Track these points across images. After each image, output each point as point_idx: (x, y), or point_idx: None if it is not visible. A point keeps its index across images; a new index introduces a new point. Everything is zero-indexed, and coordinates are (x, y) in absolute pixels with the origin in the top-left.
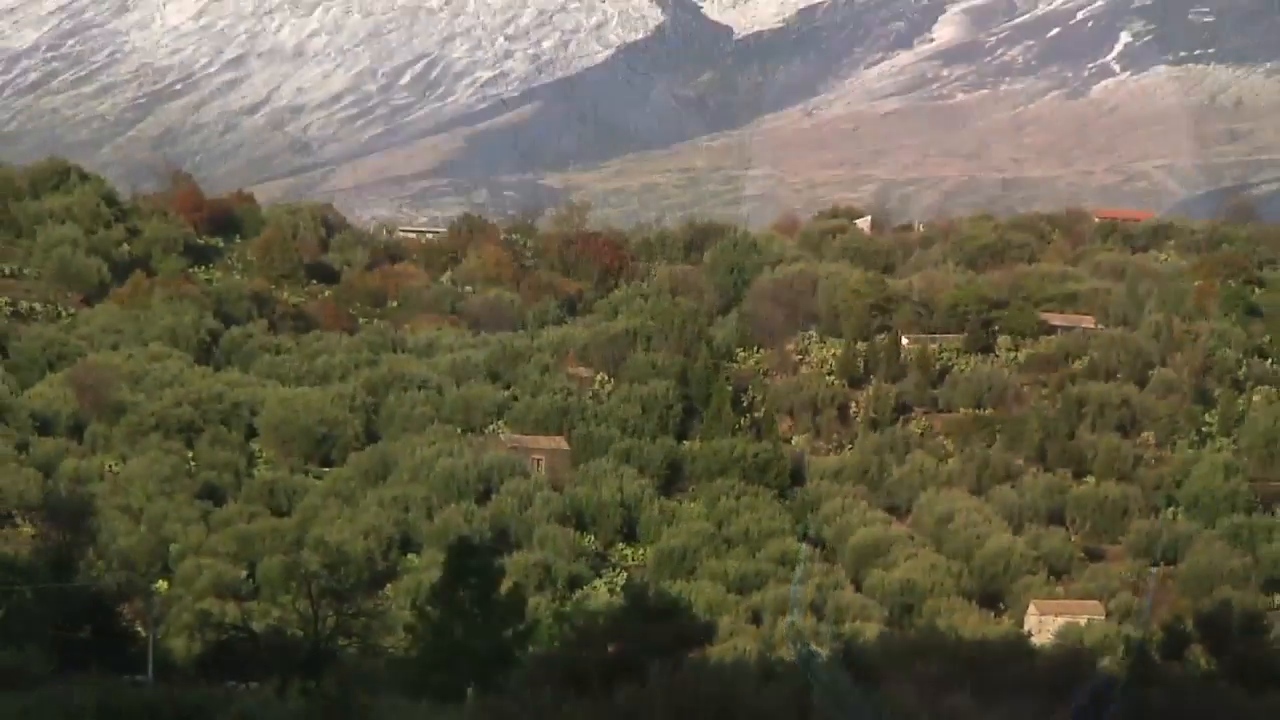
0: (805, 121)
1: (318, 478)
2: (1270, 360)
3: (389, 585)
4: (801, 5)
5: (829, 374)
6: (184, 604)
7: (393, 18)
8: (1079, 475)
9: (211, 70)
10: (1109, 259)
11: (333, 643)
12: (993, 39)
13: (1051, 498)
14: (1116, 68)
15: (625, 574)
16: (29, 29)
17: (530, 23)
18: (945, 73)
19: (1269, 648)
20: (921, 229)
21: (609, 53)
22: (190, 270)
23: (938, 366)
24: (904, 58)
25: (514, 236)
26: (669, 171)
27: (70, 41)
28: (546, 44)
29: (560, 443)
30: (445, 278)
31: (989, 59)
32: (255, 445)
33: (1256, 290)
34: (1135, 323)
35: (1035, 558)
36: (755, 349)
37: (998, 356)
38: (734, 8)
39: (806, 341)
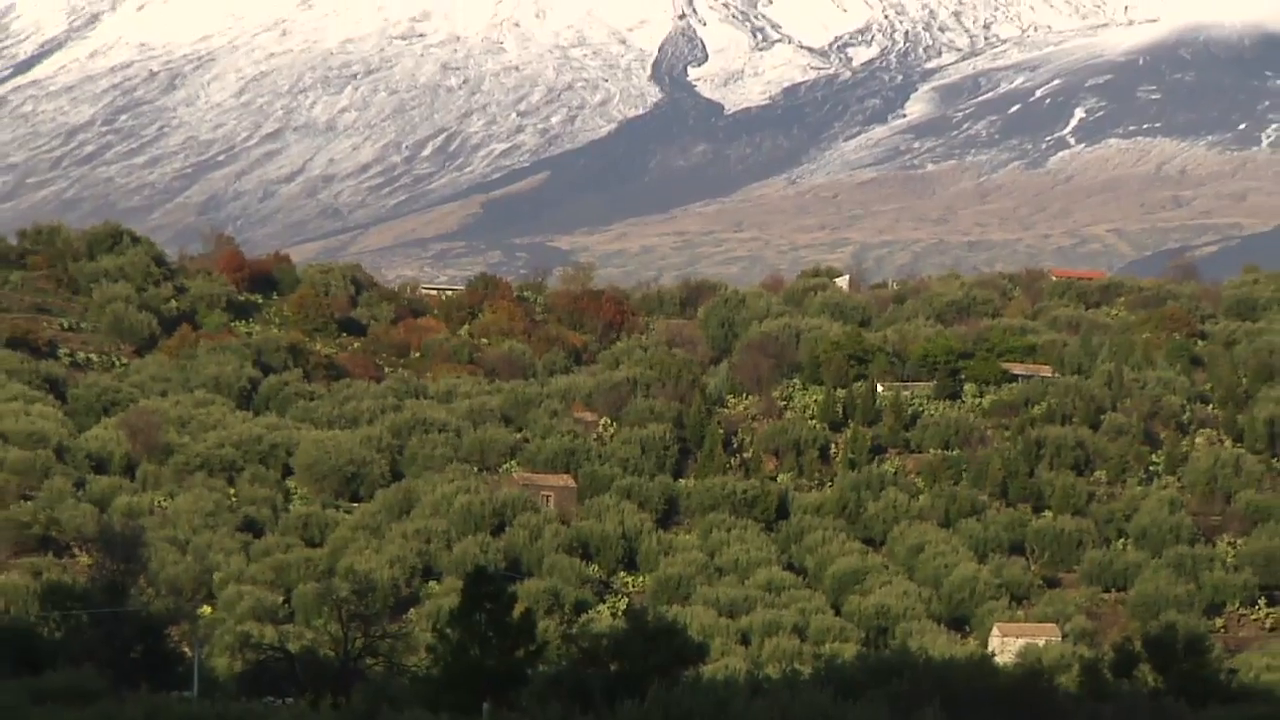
0: (789, 190)
1: (347, 512)
2: (1211, 406)
3: (412, 610)
4: (785, 84)
5: (811, 418)
6: (226, 627)
7: (415, 95)
8: (1038, 510)
9: (251, 143)
10: (1065, 314)
11: (361, 662)
12: (959, 115)
13: (1013, 530)
14: (1072, 141)
15: (626, 600)
16: (85, 105)
17: (540, 100)
18: (916, 145)
19: (1210, 667)
20: (895, 287)
21: (611, 127)
22: (232, 324)
23: (909, 412)
24: (879, 132)
25: (525, 294)
26: (666, 235)
27: (123, 117)
28: (555, 119)
29: (567, 481)
30: (463, 331)
31: (956, 133)
32: (291, 483)
33: (1198, 342)
34: (1088, 372)
35: (998, 585)
36: (744, 396)
37: (964, 402)
38: (724, 86)
39: (790, 389)
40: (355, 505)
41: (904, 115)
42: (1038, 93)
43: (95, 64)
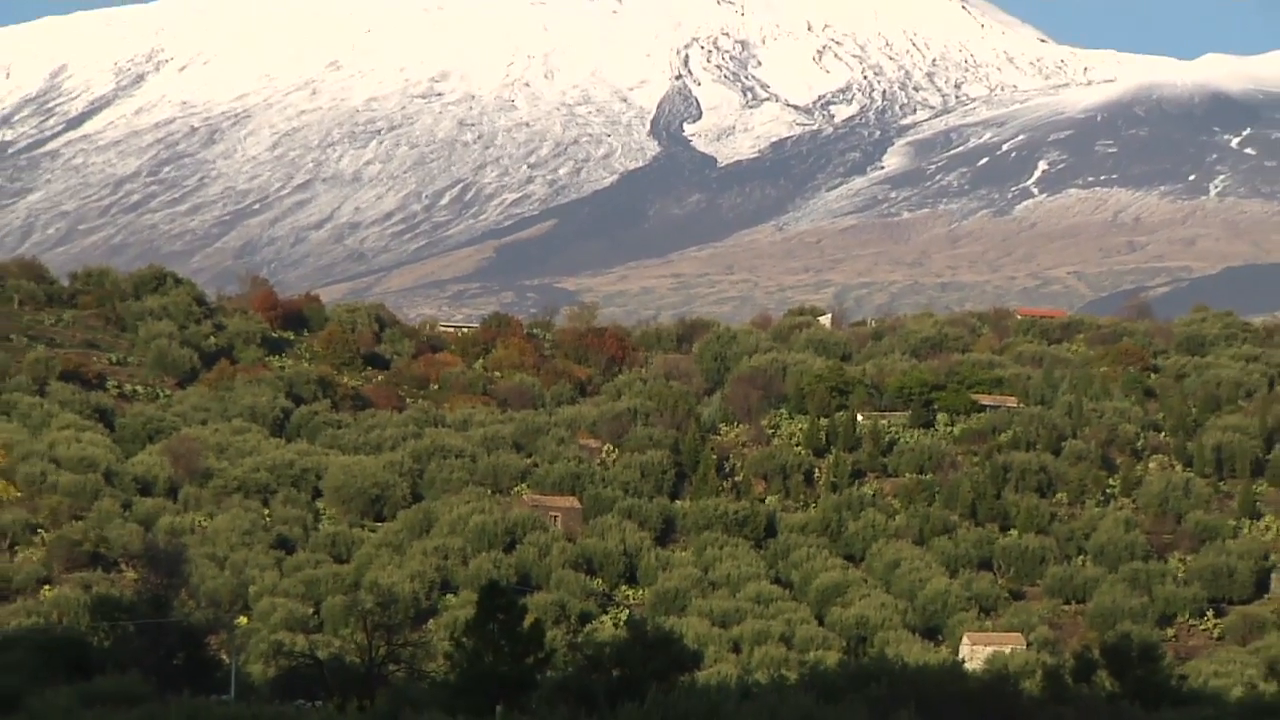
0: (776, 235)
1: (372, 531)
2: (1163, 434)
3: (431, 620)
4: (773, 139)
5: (796, 445)
6: (261, 636)
7: (434, 149)
8: (1004, 529)
9: (284, 193)
10: (1029, 350)
11: (384, 668)
12: (932, 167)
13: (981, 548)
14: (1035, 190)
15: (627, 611)
16: (132, 158)
17: (548, 153)
18: (893, 195)
19: (1162, 673)
20: (873, 325)
21: (614, 178)
22: (266, 359)
23: (887, 439)
24: (858, 182)
25: (535, 331)
26: (663, 277)
27: (166, 169)
28: (562, 171)
29: (573, 502)
30: (478, 365)
31: (929, 183)
32: (320, 504)
33: (1151, 376)
34: (1051, 402)
35: (968, 597)
36: (735, 424)
37: (937, 430)
38: (717, 141)
39: (778, 418)
40: (379, 524)
41: (882, 167)
42: (1004, 147)
43: (141, 120)
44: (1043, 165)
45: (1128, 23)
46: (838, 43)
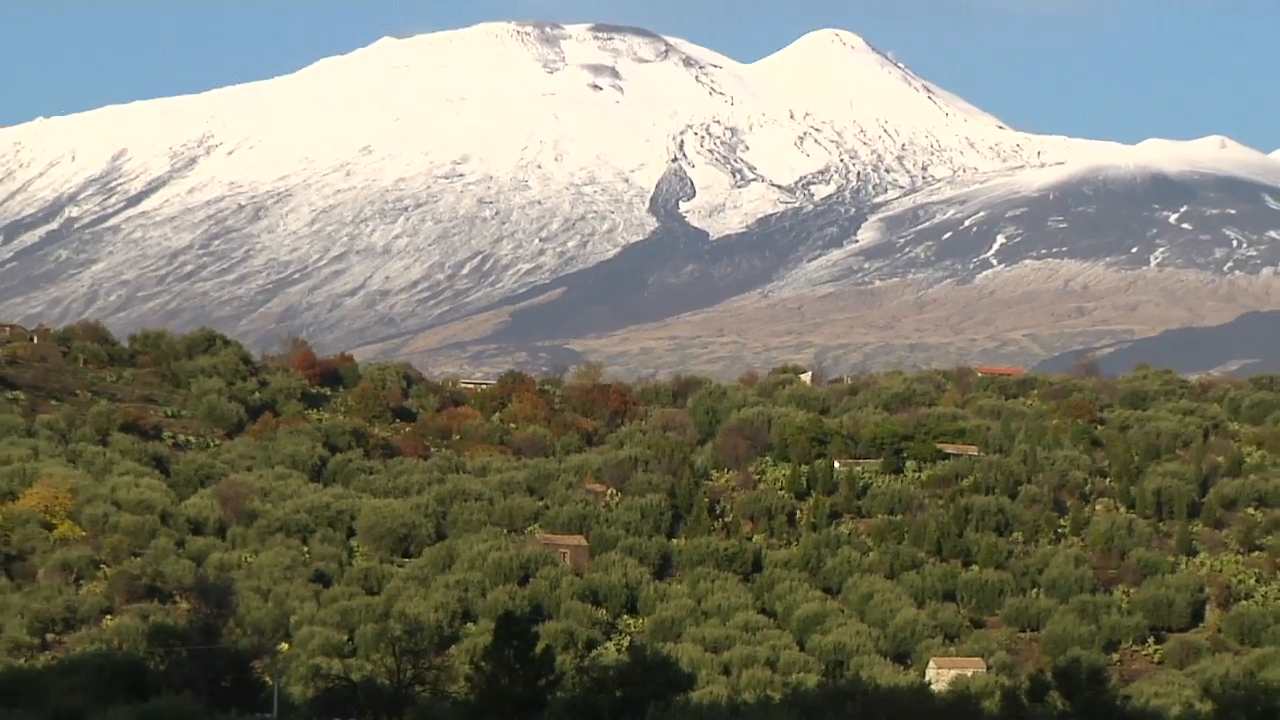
0: (762, 302)
1: (400, 566)
2: (1109, 479)
3: (453, 646)
4: (760, 215)
5: (780, 489)
6: (301, 660)
7: (456, 224)
8: (966, 564)
9: (321, 264)
10: (988, 404)
11: (411, 689)
12: (902, 240)
13: (946, 581)
14: (994, 262)
15: (629, 638)
16: (185, 232)
17: (558, 228)
18: (866, 265)
19: (1108, 694)
20: (849, 382)
21: (617, 250)
22: (305, 412)
23: (861, 484)
24: (836, 254)
25: (546, 387)
26: (661, 339)
27: (216, 241)
28: (570, 244)
29: (581, 541)
30: (495, 418)
31: (898, 255)
32: (354, 542)
33: (1098, 427)
34: (1008, 451)
35: (934, 626)
36: (725, 471)
37: (906, 476)
38: (709, 217)
39: (763, 465)
40: (406, 560)
41: (856, 241)
42: (966, 222)
43: (193, 198)
44: (1000, 239)
45: (1076, 110)
46: (817, 129)
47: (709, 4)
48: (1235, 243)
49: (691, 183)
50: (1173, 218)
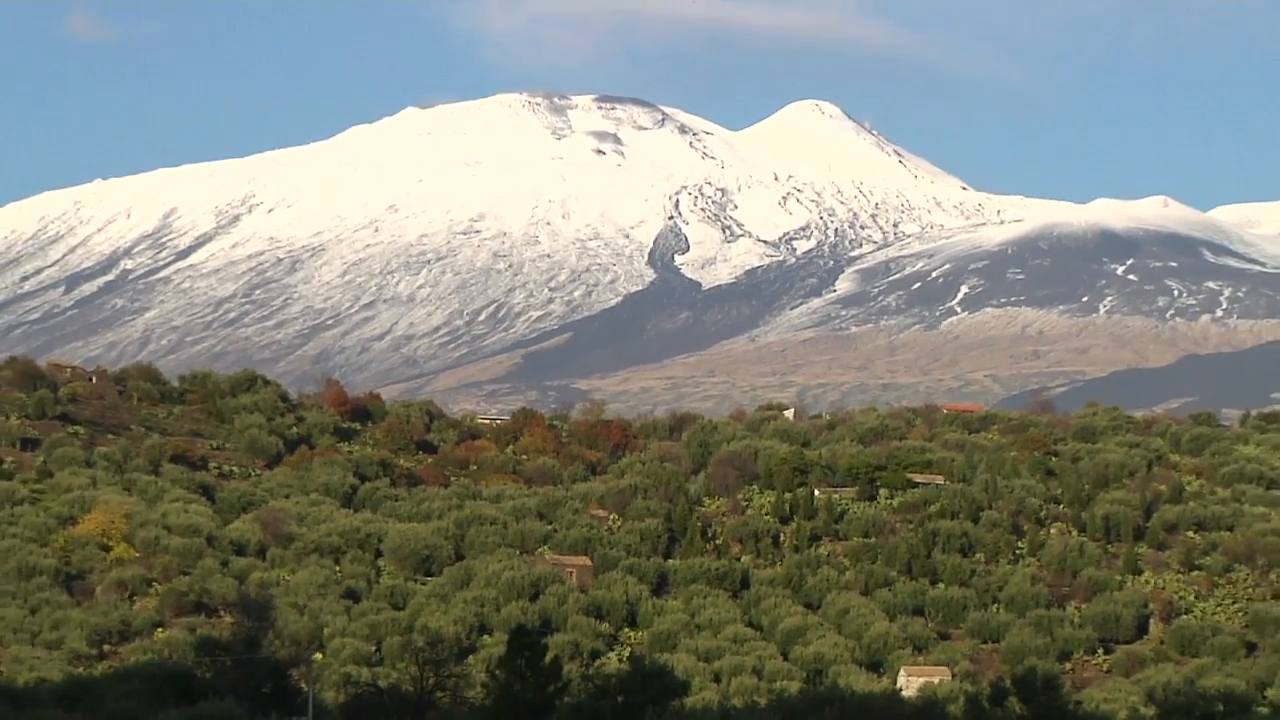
0: (749, 345)
1: (423, 584)
2: (1061, 505)
3: (471, 657)
4: (747, 267)
5: (766, 514)
6: (333, 669)
7: (473, 276)
8: (933, 582)
9: (352, 311)
10: (953, 437)
11: (433, 695)
12: (875, 290)
13: (915, 597)
14: (958, 309)
15: (629, 649)
16: (230, 283)
17: (565, 279)
18: (843, 313)
19: (1062, 700)
20: (827, 417)
21: (618, 299)
22: (338, 445)
23: (838, 510)
24: (815, 303)
25: (555, 422)
26: (658, 379)
27: (257, 291)
28: (576, 293)
29: (586, 561)
30: (508, 450)
31: (872, 304)
32: (381, 562)
33: (1052, 458)
34: (971, 480)
35: (904, 638)
36: (716, 498)
37: (879, 503)
38: (702, 269)
39: (750, 493)
40: (429, 579)
41: (834, 291)
42: (933, 274)
43: (236, 252)
44: (964, 289)
45: (1033, 173)
46: (799, 190)
47: (702, 77)
48: (1176, 292)
49: (686, 238)
50: (1120, 270)
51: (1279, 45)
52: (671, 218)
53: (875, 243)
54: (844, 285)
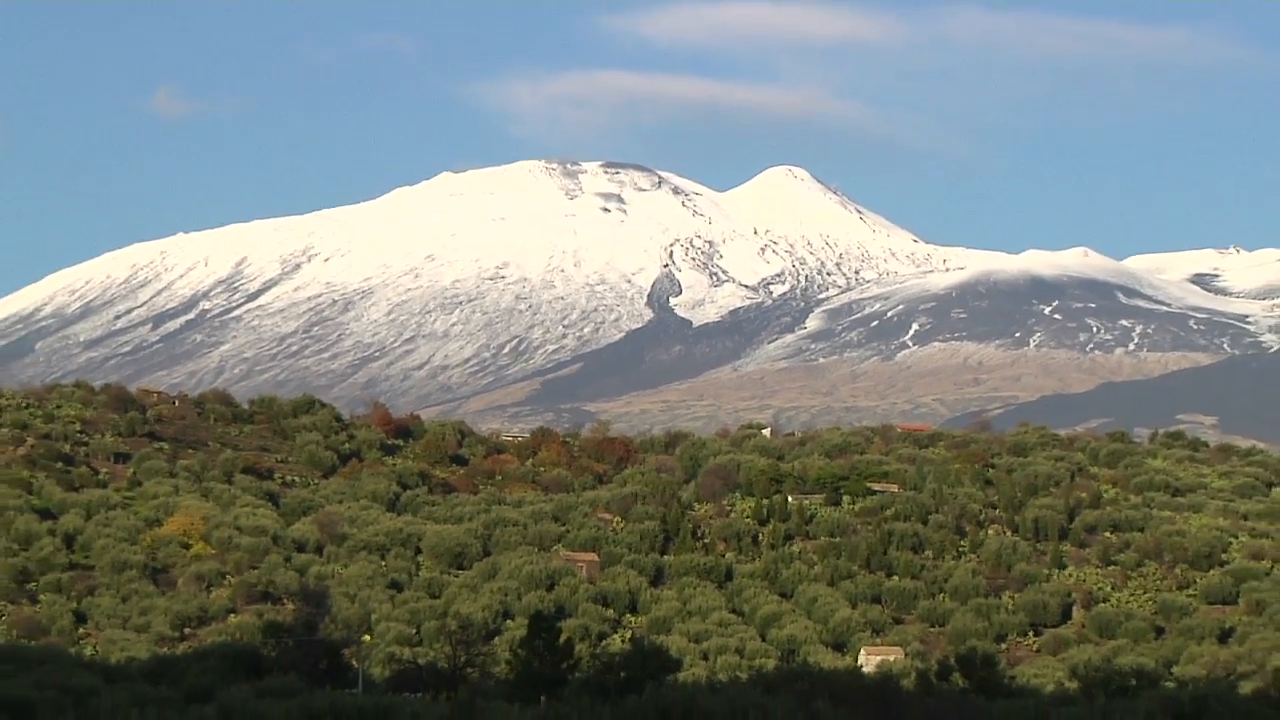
0: (733, 374)
1: (455, 576)
2: (998, 510)
3: (496, 638)
4: (730, 308)
5: (746, 518)
6: (379, 649)
7: (499, 315)
8: (889, 575)
9: (396, 345)
10: (906, 452)
11: (464, 671)
12: (840, 327)
13: (873, 588)
14: (910, 344)
15: (631, 632)
16: (291, 321)
17: (577, 318)
18: (812, 346)
19: (998, 675)
20: (799, 435)
21: (621, 335)
22: (383, 458)
23: (808, 513)
24: (789, 338)
25: (567, 440)
26: (656, 402)
27: (315, 328)
28: (586, 330)
29: (594, 557)
30: (528, 463)
31: (837, 338)
32: (420, 558)
33: (990, 470)
34: (921, 488)
35: (864, 623)
36: (705, 503)
37: (843, 507)
38: (692, 309)
39: (734, 499)
40: (460, 572)
41: (805, 328)
42: (889, 314)
43: (298, 295)
44: (915, 326)
45: (973, 228)
46: (775, 243)
47: (693, 145)
48: (1095, 329)
49: (679, 283)
50: (1047, 310)
51: (1182, 128)
52: (666, 266)
53: (839, 287)
54: (813, 323)
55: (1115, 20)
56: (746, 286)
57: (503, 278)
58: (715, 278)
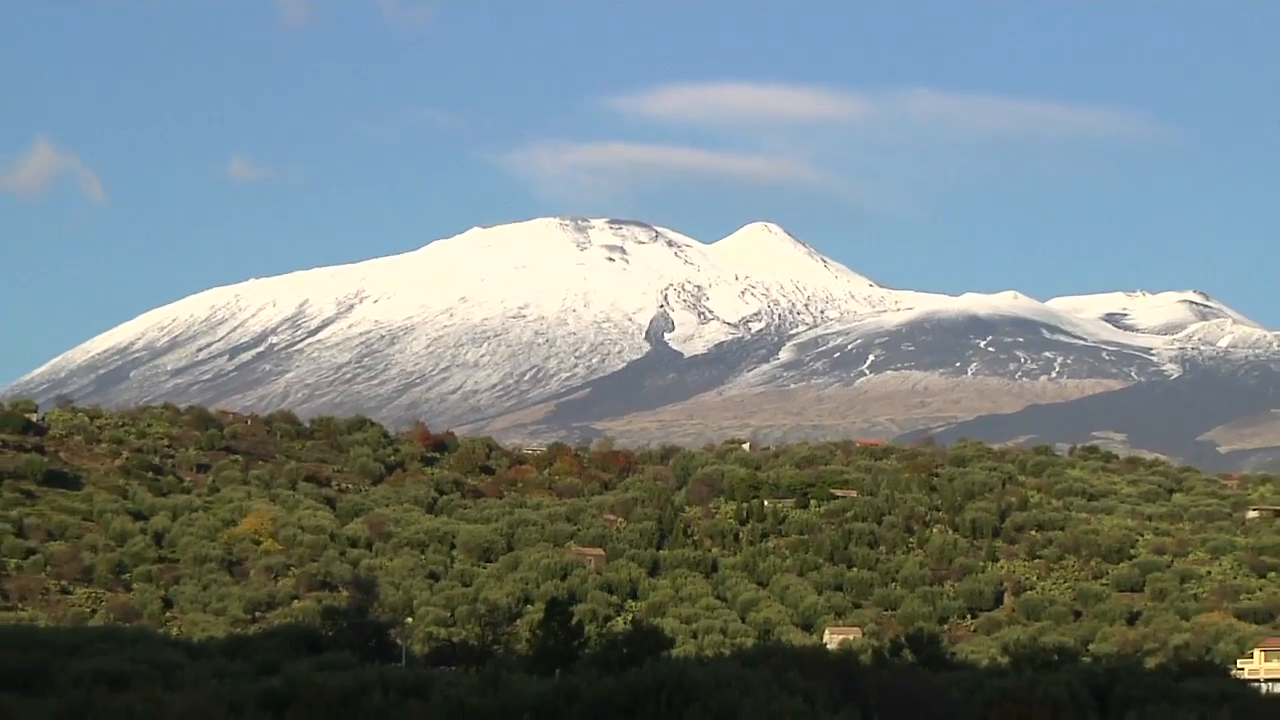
0: (718, 398)
1: (484, 568)
2: (940, 512)
3: (518, 620)
4: (715, 342)
5: (729, 519)
6: (420, 629)
7: (520, 349)
8: (849, 567)
9: (434, 374)
10: (864, 463)
11: (491, 648)
12: (808, 358)
13: (836, 578)
14: (867, 372)
15: (632, 615)
16: (346, 353)
17: (586, 350)
18: (785, 374)
19: (942, 651)
20: (774, 449)
21: (624, 365)
22: (423, 469)
23: (781, 515)
24: (765, 367)
25: (578, 453)
26: (653, 421)
27: (366, 359)
28: (594, 360)
29: (600, 552)
30: (545, 473)
31: (806, 368)
32: (454, 553)
33: (934, 478)
34: (876, 494)
35: (828, 607)
36: (694, 506)
37: (810, 510)
38: (684, 343)
39: (719, 502)
40: (488, 564)
41: (779, 359)
42: (849, 347)
43: (351, 331)
44: (871, 357)
45: (920, 274)
46: (753, 287)
47: (685, 205)
48: (1023, 360)
49: (673, 321)
50: (982, 344)
51: (1098, 190)
52: (662, 306)
53: (807, 324)
54: (785, 355)
55: (1045, 101)
56: (729, 324)
57: (524, 316)
58: (703, 316)
